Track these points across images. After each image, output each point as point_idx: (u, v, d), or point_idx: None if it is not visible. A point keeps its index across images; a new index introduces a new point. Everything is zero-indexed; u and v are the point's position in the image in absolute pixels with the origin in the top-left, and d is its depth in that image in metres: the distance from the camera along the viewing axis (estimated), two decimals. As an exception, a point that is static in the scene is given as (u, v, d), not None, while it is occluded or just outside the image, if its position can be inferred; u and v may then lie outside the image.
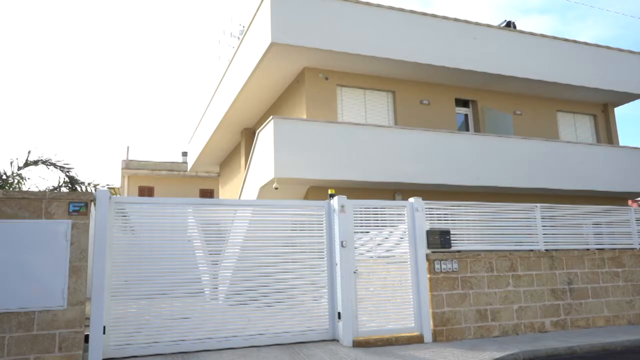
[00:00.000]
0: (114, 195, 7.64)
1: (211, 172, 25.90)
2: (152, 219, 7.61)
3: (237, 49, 15.14)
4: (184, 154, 29.32)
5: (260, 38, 12.61)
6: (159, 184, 27.49)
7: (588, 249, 9.90)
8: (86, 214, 6.91)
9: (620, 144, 16.93)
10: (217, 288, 7.79)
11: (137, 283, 7.26)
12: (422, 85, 14.50)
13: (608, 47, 16.33)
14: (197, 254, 7.77)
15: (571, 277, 9.47)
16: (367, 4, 13.13)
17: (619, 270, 9.94)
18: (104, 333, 6.81)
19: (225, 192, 21.00)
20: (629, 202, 17.57)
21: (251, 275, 7.86)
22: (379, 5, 13.23)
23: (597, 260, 9.80)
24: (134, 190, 27.01)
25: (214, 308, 7.64)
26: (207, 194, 27.73)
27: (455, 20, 14.18)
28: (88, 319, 6.90)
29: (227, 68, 16.30)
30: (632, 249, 10.23)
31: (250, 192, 13.32)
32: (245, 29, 14.29)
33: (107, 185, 10.44)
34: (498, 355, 7.21)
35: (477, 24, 14.47)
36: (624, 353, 7.81)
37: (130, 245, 7.36)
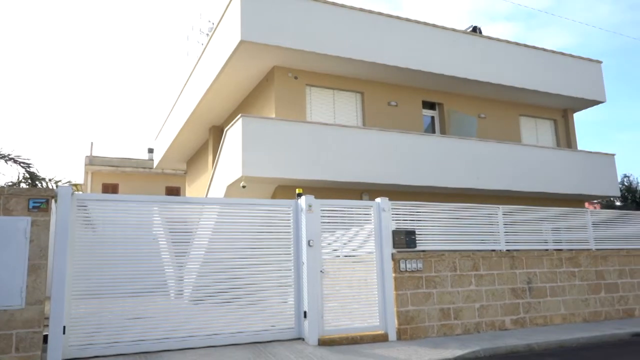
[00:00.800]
0: (77, 192, 7.47)
1: (178, 170, 25.53)
2: (116, 216, 7.47)
3: (206, 45, 15.00)
4: (150, 150, 28.79)
5: (230, 35, 12.53)
6: (124, 181, 26.92)
7: (547, 250, 10.23)
8: (47, 210, 6.73)
9: (579, 148, 17.53)
10: (182, 287, 7.71)
11: (100, 282, 7.12)
12: (390, 87, 14.68)
13: (569, 55, 16.90)
14: (162, 253, 7.67)
15: (530, 276, 9.77)
16: (337, 4, 13.21)
17: (576, 270, 10.30)
18: (63, 333, 6.65)
19: (192, 190, 20.76)
20: (586, 204, 18.23)
21: (217, 274, 7.81)
22: (349, 7, 13.34)
23: (555, 260, 10.13)
24: (98, 187, 26.37)
25: (179, 307, 7.56)
26: (174, 191, 27.32)
27: (424, 23, 14.41)
28: (47, 318, 6.72)
29: (196, 65, 16.12)
30: (588, 249, 10.62)
31: (218, 191, 13.22)
32: (215, 25, 14.18)
33: (69, 181, 10.22)
34: (460, 352, 7.38)
35: (444, 28, 14.76)
36: (579, 350, 8.11)
37: (92, 244, 7.21)
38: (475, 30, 16.84)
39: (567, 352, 7.95)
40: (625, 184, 27.31)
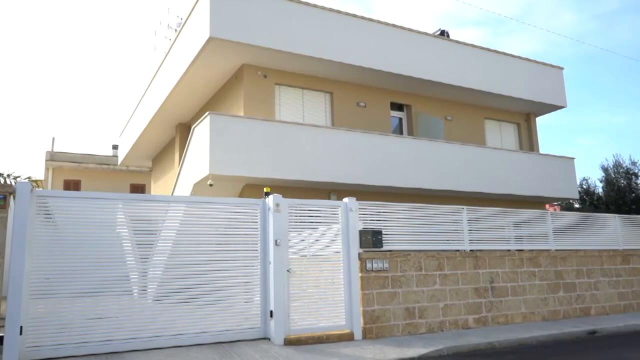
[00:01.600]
0: (37, 189, 7.24)
1: (143, 167, 25.06)
2: (78, 214, 7.28)
3: (174, 41, 14.76)
4: (115, 147, 28.18)
5: (199, 32, 12.37)
6: (87, 177, 26.24)
7: (509, 250, 10.48)
8: (4, 207, 6.53)
9: (541, 151, 18.02)
10: (146, 287, 7.57)
11: (60, 281, 6.93)
12: (359, 88, 14.77)
13: (532, 61, 17.37)
14: (126, 252, 7.52)
15: (493, 276, 10.00)
16: (308, 4, 13.21)
17: (536, 270, 10.60)
18: (20, 334, 6.44)
19: (158, 187, 20.41)
20: (547, 206, 18.77)
21: (183, 274, 7.71)
22: (319, 7, 13.35)
23: (517, 260, 10.40)
24: (59, 183, 25.63)
25: (142, 307, 7.43)
26: (139, 189, 26.79)
27: (393, 26, 14.56)
28: (3, 319, 6.50)
29: (163, 60, 15.85)
30: (548, 250, 10.93)
31: (184, 189, 13.04)
32: (183, 21, 13.97)
33: (29, 177, 9.90)
34: (424, 351, 7.49)
35: (413, 31, 14.94)
36: (538, 347, 8.35)
37: (53, 241, 7.01)
38: (443, 33, 17.11)
39: (526, 349, 8.18)
40: (584, 187, 28.26)
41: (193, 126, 12.65)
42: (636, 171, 27.07)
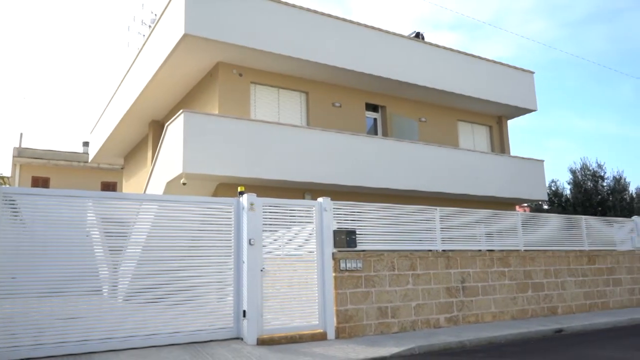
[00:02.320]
0: (3, 186, 7.06)
1: (115, 165, 24.62)
2: (46, 212, 7.11)
3: (148, 37, 14.54)
4: (85, 144, 27.64)
5: (173, 28, 12.22)
6: (56, 174, 25.64)
7: (480, 250, 10.66)
8: (-31, 205, 6.32)
9: (511, 154, 18.38)
10: (116, 286, 7.45)
11: (28, 280, 6.77)
12: (335, 88, 14.82)
13: (504, 64, 17.70)
14: (96, 251, 7.38)
15: (464, 276, 10.16)
16: (287, 4, 13.18)
17: (506, 269, 10.81)
18: (-15, 335, 6.27)
19: (130, 185, 20.08)
20: (517, 207, 19.15)
21: (154, 273, 7.61)
22: (298, 7, 13.34)
23: (488, 260, 10.58)
24: (27, 180, 24.99)
25: (113, 307, 7.31)
26: (110, 187, 26.32)
27: (368, 27, 14.64)
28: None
29: (137, 56, 15.60)
30: (517, 250, 11.16)
31: (157, 187, 12.86)
32: (158, 17, 13.79)
33: (-5, 174, 9.64)
34: (396, 350, 7.57)
35: (389, 32, 15.06)
36: (506, 346, 8.52)
37: (20, 240, 6.86)
38: (418, 36, 17.29)
39: (495, 348, 8.33)
40: (553, 188, 28.94)
41: (166, 124, 12.49)
42: (602, 174, 27.88)
